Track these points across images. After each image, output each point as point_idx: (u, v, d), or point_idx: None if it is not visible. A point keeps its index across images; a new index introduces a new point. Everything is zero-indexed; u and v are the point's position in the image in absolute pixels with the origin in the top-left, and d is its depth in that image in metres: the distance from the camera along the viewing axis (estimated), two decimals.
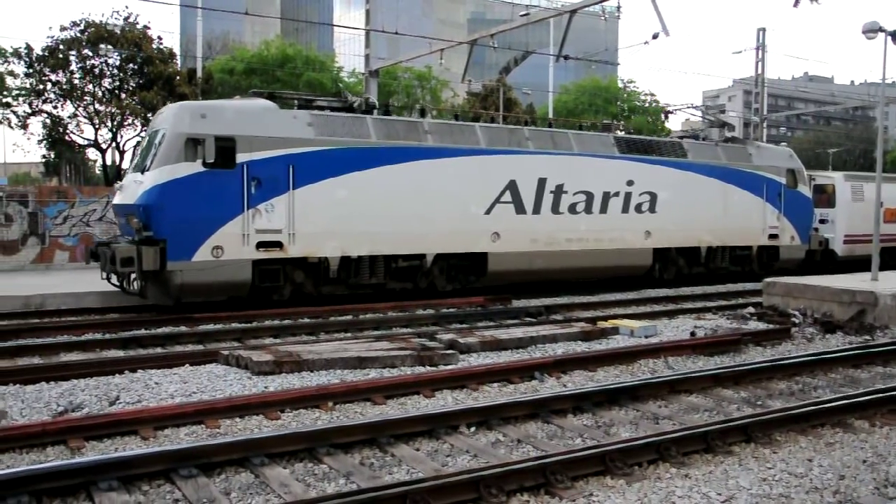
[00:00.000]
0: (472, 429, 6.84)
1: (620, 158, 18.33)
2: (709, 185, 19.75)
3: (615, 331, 11.96)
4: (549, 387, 8.63)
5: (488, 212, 16.33)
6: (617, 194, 18.12)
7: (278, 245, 13.99)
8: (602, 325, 12.27)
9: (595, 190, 17.78)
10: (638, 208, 18.49)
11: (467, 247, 16.17)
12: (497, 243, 16.38)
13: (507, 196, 16.57)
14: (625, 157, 18.40)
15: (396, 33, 20.14)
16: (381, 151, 15.00)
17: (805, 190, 22.00)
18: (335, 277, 14.77)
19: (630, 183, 18.31)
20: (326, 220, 14.40)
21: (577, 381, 8.91)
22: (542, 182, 16.99)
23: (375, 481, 5.47)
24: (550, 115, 42.96)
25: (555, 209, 17.22)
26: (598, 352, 10.23)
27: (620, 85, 52.74)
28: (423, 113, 17.90)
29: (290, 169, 13.98)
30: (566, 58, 19.06)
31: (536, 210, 16.96)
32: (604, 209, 17.94)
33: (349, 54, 56.35)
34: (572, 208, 17.47)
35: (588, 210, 17.72)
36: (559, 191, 17.23)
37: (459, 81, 27.49)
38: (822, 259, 23.05)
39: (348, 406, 7.55)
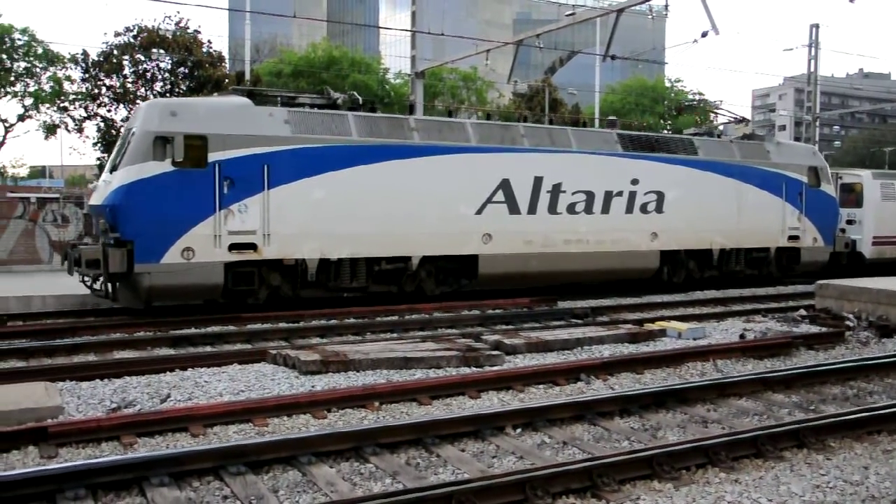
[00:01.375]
0: (518, 430, 6.82)
1: (624, 156, 17.49)
2: (721, 184, 18.78)
3: (662, 333, 11.82)
4: (596, 389, 8.56)
5: (479, 212, 15.64)
6: (620, 194, 17.31)
7: (252, 247, 13.51)
8: (649, 326, 12.13)
9: (596, 189, 16.99)
10: (643, 208, 17.65)
11: (456, 249, 15.51)
12: (489, 245, 15.70)
13: (500, 195, 15.85)
14: (629, 155, 17.55)
15: (442, 34, 20.19)
16: (363, 149, 14.44)
17: (829, 189, 20.88)
18: (314, 280, 14.22)
19: (635, 182, 17.48)
20: (304, 221, 13.87)
21: (624, 384, 8.83)
22: (538, 181, 16.24)
23: (421, 481, 5.49)
24: (597, 116, 42.65)
25: (552, 209, 16.48)
26: (646, 354, 10.12)
27: (667, 84, 52.13)
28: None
29: (265, 168, 13.52)
30: (613, 57, 18.88)
31: (532, 210, 16.23)
32: (606, 209, 17.14)
33: (394, 56, 56.62)
34: (571, 208, 16.71)
35: (588, 210, 16.95)
36: (556, 190, 16.48)
37: (505, 82, 27.45)
38: (848, 262, 21.89)
39: (394, 406, 7.58)
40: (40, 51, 32.43)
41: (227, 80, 31.54)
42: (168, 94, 31.15)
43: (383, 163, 14.60)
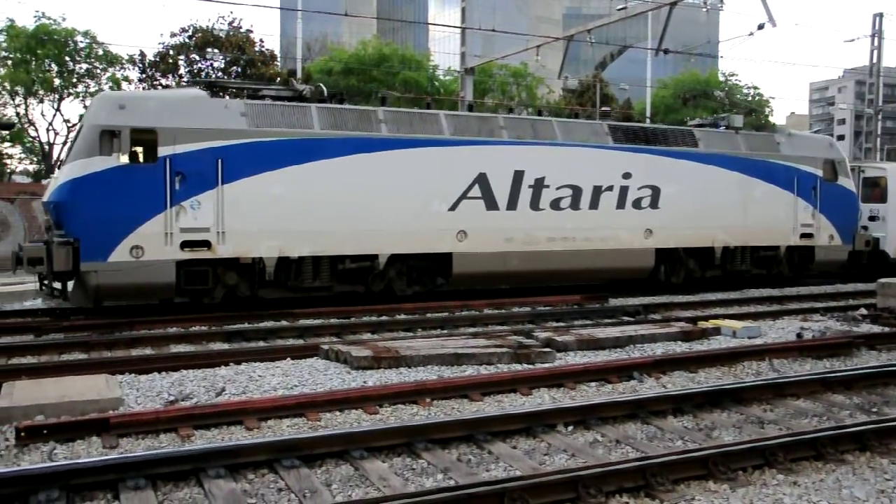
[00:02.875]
0: (570, 428, 6.78)
1: (615, 149, 16.52)
2: (725, 178, 17.71)
3: (717, 331, 11.63)
4: (648, 387, 8.47)
5: (453, 208, 14.86)
6: (610, 188, 16.37)
7: (206, 245, 13.05)
8: (703, 325, 11.94)
9: (583, 184, 16.08)
10: (636, 204, 16.68)
11: (428, 246, 14.77)
12: (464, 243, 14.91)
13: (476, 191, 15.06)
14: (621, 148, 16.58)
15: (493, 31, 20.12)
16: (326, 143, 13.83)
17: (847, 183, 19.57)
18: (272, 280, 13.73)
19: (627, 176, 16.51)
20: (261, 218, 13.35)
21: (677, 383, 8.71)
22: (518, 175, 15.42)
23: (473, 478, 5.49)
24: (648, 111, 42.12)
25: (534, 205, 15.62)
26: (699, 352, 9.96)
27: (721, 78, 51.20)
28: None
29: (219, 163, 13.01)
30: (666, 51, 18.62)
31: (511, 206, 15.40)
32: (594, 205, 16.21)
33: (443, 52, 56.68)
34: (555, 204, 15.83)
35: (575, 206, 16.04)
36: (539, 185, 15.62)
37: (555, 78, 27.25)
38: (870, 261, 20.50)
39: (445, 402, 7.60)
40: (101, 52, 33.25)
41: (278, 79, 31.97)
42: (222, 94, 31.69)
43: (348, 157, 13.99)
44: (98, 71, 33.98)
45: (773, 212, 18.34)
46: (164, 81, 31.65)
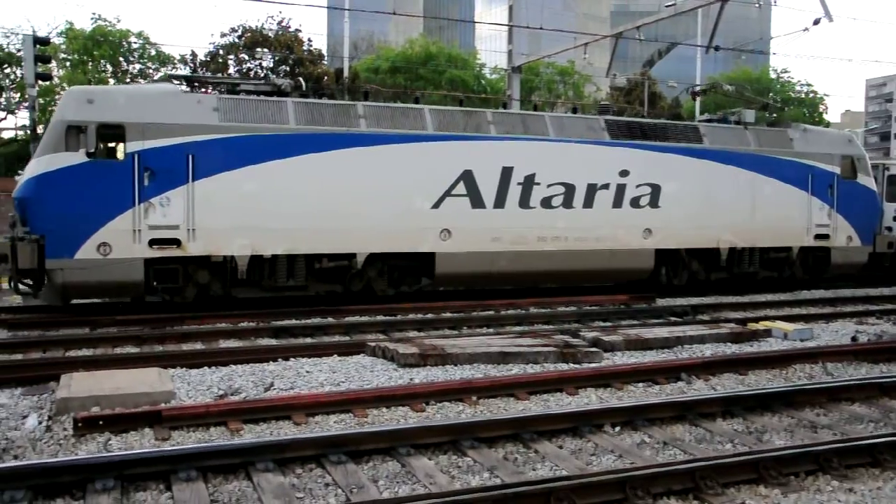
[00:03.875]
0: (617, 429, 6.72)
1: (612, 145, 15.76)
2: (731, 176, 16.83)
3: (767, 333, 11.42)
4: (697, 389, 8.36)
5: (436, 206, 14.30)
6: (606, 186, 15.63)
7: (176, 242, 12.77)
8: (753, 326, 11.74)
9: (577, 181, 15.38)
10: (635, 203, 15.93)
11: (409, 246, 14.24)
12: (448, 242, 14.34)
13: (461, 188, 14.47)
14: (618, 144, 15.82)
15: (541, 28, 20.02)
16: (302, 138, 13.43)
17: (868, 181, 18.47)
18: (245, 279, 13.37)
19: (624, 173, 15.77)
20: (233, 215, 13.00)
21: (727, 385, 8.58)
22: (506, 172, 14.80)
23: (519, 476, 5.48)
24: (697, 109, 41.51)
25: (523, 203, 14.97)
26: (749, 354, 9.81)
27: (773, 75, 50.27)
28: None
29: (190, 159, 12.71)
30: (717, 48, 18.27)
31: (499, 204, 14.78)
32: (588, 203, 15.49)
33: (489, 51, 56.58)
34: (546, 202, 15.15)
35: (568, 204, 15.33)
36: (529, 182, 14.97)
37: (603, 76, 27.04)
38: (893, 264, 19.49)
39: (491, 401, 7.59)
40: (153, 53, 33.93)
41: (326, 77, 32.28)
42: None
43: (325, 152, 13.58)
44: (151, 70, 34.69)
45: (784, 211, 17.46)
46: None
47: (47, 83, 27.10)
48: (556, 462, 5.87)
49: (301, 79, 15.80)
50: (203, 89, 14.57)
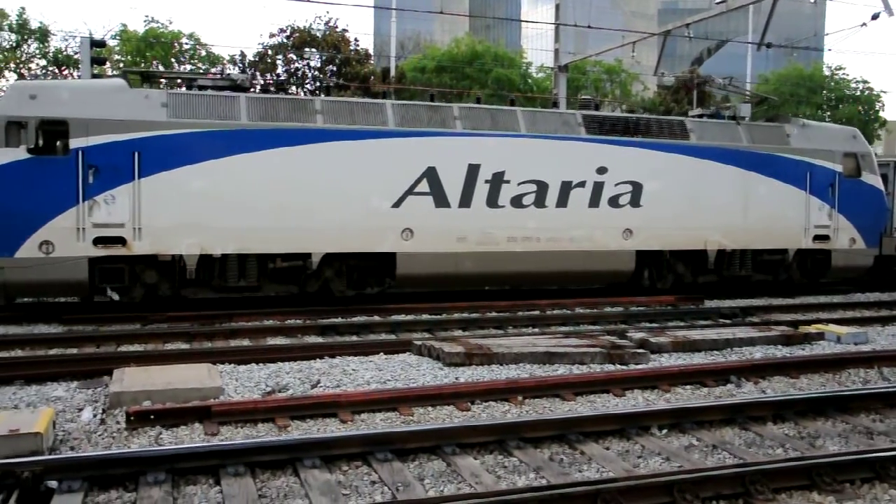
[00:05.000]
0: (664, 431, 6.65)
1: (588, 141, 15.05)
2: (721, 174, 16.02)
3: (820, 336, 11.18)
4: (746, 392, 8.22)
5: (397, 205, 13.81)
6: (582, 184, 14.93)
7: (121, 241, 12.47)
8: (805, 329, 11.50)
9: (550, 179, 14.73)
10: (613, 202, 15.20)
11: (368, 245, 13.78)
12: (409, 242, 13.86)
13: (424, 186, 13.95)
14: (595, 140, 15.10)
15: (589, 27, 19.86)
16: (254, 134, 13.06)
17: (874, 180, 17.45)
18: (194, 278, 13.05)
19: (602, 171, 15.05)
20: (181, 213, 12.68)
21: (777, 388, 8.42)
22: (473, 169, 14.22)
23: (566, 477, 5.45)
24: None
25: (491, 202, 14.37)
26: (801, 357, 9.62)
27: (827, 73, 49.13)
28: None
29: (136, 156, 12.40)
30: (769, 45, 17.86)
31: (465, 203, 14.20)
32: (563, 202, 14.81)
33: (536, 49, 56.34)
34: (517, 201, 14.53)
35: (540, 203, 14.67)
36: (498, 180, 14.38)
37: (650, 75, 26.71)
38: None
39: (537, 401, 7.56)
40: (203, 53, 34.47)
41: (372, 77, 32.42)
42: (317, 91, 32.44)
43: (279, 149, 13.21)
44: (201, 71, 35.25)
45: (779, 211, 16.58)
46: (262, 81, 32.56)
47: None
48: (603, 464, 5.82)
49: (258, 73, 15.27)
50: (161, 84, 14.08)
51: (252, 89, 14.07)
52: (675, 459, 5.96)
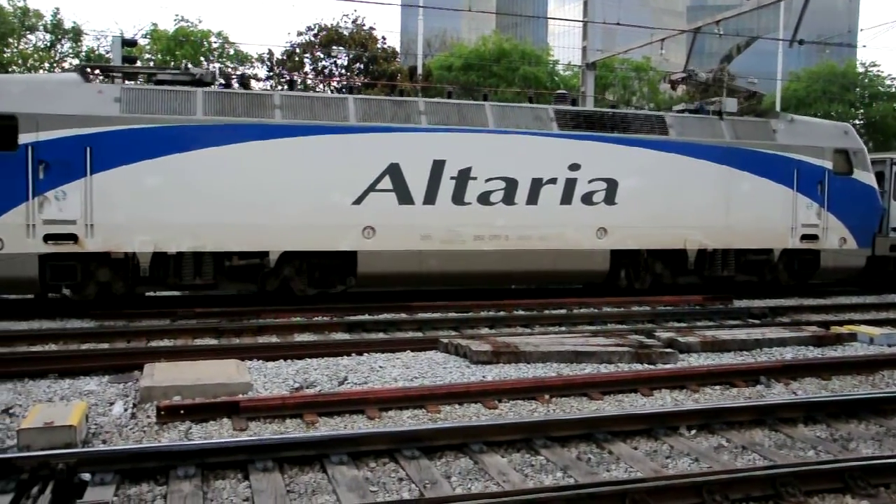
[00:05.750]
0: (693, 431, 6.59)
1: (561, 136, 14.62)
2: (701, 171, 15.47)
3: (852, 337, 11.02)
4: (777, 393, 8.13)
5: (358, 201, 13.50)
6: (554, 181, 14.49)
7: (72, 238, 12.27)
8: (836, 330, 11.34)
9: (520, 176, 14.32)
10: (587, 199, 14.73)
11: (328, 243, 13.50)
12: (371, 240, 13.57)
13: (387, 182, 13.64)
14: (568, 135, 14.67)
15: (618, 24, 19.73)
16: (211, 130, 12.79)
17: (866, 177, 16.80)
18: (148, 276, 12.80)
19: (575, 167, 14.60)
20: (134, 210, 12.47)
21: (809, 390, 8.32)
22: (438, 165, 13.87)
23: (593, 477, 5.43)
24: (778, 105, 40.36)
25: (457, 199, 14.00)
26: (833, 359, 9.50)
27: (860, 69, 48.42)
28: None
29: (88, 151, 12.21)
30: (801, 42, 17.58)
31: (430, 200, 13.87)
32: (533, 200, 14.40)
33: (563, 47, 56.09)
34: (484, 198, 14.14)
35: (509, 201, 14.27)
36: (464, 176, 14.01)
37: (679, 72, 26.43)
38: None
39: (564, 400, 7.54)
40: (232, 52, 34.74)
41: (399, 75, 32.48)
42: (344, 89, 32.56)
43: (236, 145, 12.95)
44: (229, 69, 35.53)
45: (764, 210, 16.01)
46: (289, 79, 32.78)
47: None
48: (631, 463, 5.79)
49: (217, 67, 15.01)
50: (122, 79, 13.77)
51: (216, 84, 13.94)
52: (704, 460, 5.91)
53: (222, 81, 14.71)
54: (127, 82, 13.47)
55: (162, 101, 12.83)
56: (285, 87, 12.92)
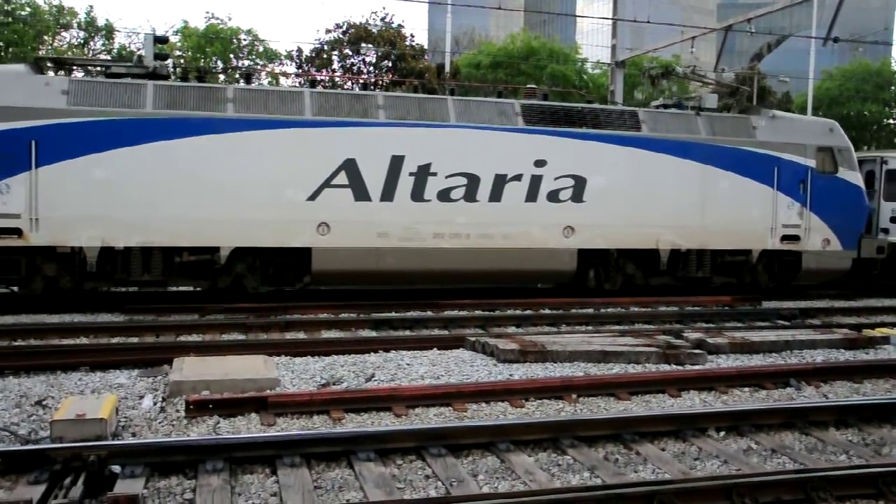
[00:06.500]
0: (722, 433, 6.53)
1: (526, 132, 14.22)
2: (675, 168, 14.97)
3: (885, 340, 10.85)
4: (807, 396, 8.02)
5: (313, 197, 13.22)
6: (518, 178, 14.11)
7: (17, 232, 12.05)
8: (869, 333, 11.17)
9: (482, 172, 13.94)
10: (553, 197, 14.30)
11: (281, 240, 13.22)
12: (326, 237, 13.25)
13: (342, 178, 13.33)
14: (534, 131, 14.25)
15: (648, 22, 19.57)
16: (161, 123, 12.56)
17: (852, 176, 16.21)
18: (95, 272, 12.58)
19: (540, 164, 14.19)
20: (81, 204, 12.23)
21: (840, 393, 8.20)
22: (396, 161, 13.54)
23: (621, 478, 5.39)
24: (809, 105, 39.83)
25: (416, 196, 13.67)
26: (865, 362, 9.35)
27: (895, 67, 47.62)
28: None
29: (33, 144, 12.01)
30: (836, 40, 17.31)
31: (387, 196, 13.55)
32: (496, 197, 14.01)
33: (591, 45, 55.83)
34: (444, 195, 13.79)
35: (470, 198, 13.90)
36: (424, 172, 13.67)
37: (710, 70, 26.18)
38: (885, 271, 17.12)
39: (591, 400, 7.50)
40: (261, 49, 34.98)
41: (427, 73, 32.51)
42: (372, 87, 32.64)
43: (187, 138, 12.70)
44: (258, 66, 35.78)
45: (742, 209, 15.44)
46: (318, 76, 32.91)
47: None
48: (659, 465, 5.75)
49: (171, 61, 14.67)
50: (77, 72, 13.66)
51: (171, 77, 13.84)
52: (732, 463, 5.85)
53: (188, 75, 14.60)
54: (77, 75, 13.26)
55: (111, 93, 12.62)
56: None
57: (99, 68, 13.96)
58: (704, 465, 5.85)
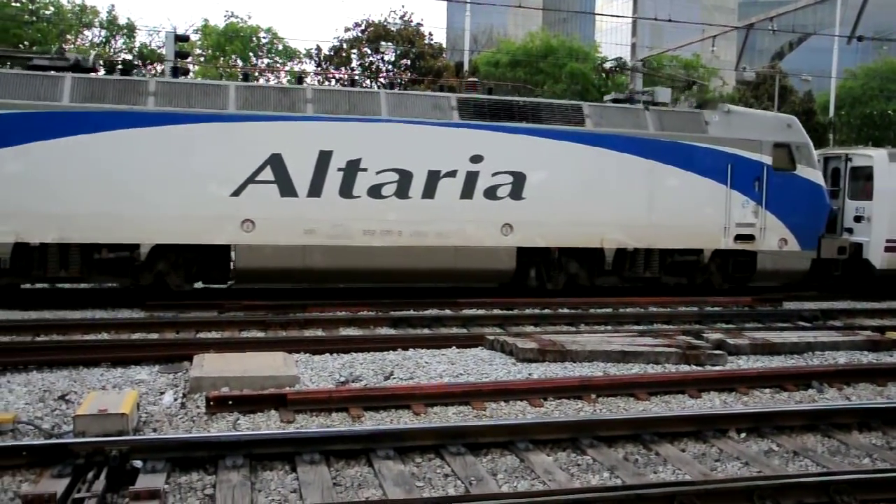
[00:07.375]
0: (743, 435, 6.48)
1: (462, 126, 13.87)
2: (621, 164, 14.52)
3: None
4: (829, 398, 7.95)
5: (236, 193, 12.91)
6: (453, 174, 13.74)
7: None
8: (892, 335, 11.05)
9: (415, 168, 13.60)
10: (490, 193, 13.93)
11: (203, 237, 12.88)
12: (251, 234, 12.93)
13: (268, 174, 13.04)
14: (470, 125, 13.90)
15: (669, 20, 19.43)
16: (77, 117, 12.25)
17: (811, 174, 15.72)
18: (9, 268, 12.25)
19: (477, 159, 13.82)
20: None
21: (863, 396, 8.12)
22: (324, 156, 13.22)
23: (641, 478, 5.36)
24: (832, 104, 39.48)
25: (345, 192, 13.34)
26: (889, 364, 9.26)
27: None
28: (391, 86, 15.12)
29: None
30: (860, 39, 17.10)
31: (314, 192, 13.23)
32: (429, 193, 13.66)
33: (611, 44, 55.56)
34: (375, 191, 13.46)
35: (402, 194, 13.56)
36: (353, 168, 13.34)
37: (730, 69, 26.05)
38: (847, 272, 16.47)
39: (611, 399, 7.47)
40: (280, 48, 35.12)
41: (446, 71, 32.50)
42: (391, 85, 32.67)
43: (103, 133, 12.38)
44: (278, 65, 35.93)
45: (692, 207, 14.97)
46: (337, 74, 32.99)
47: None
48: (679, 466, 5.71)
49: (90, 53, 14.54)
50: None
51: (99, 70, 13.66)
52: (753, 464, 5.81)
53: (112, 68, 14.38)
54: None
55: (27, 86, 12.37)
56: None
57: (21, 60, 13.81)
58: (725, 466, 5.82)
